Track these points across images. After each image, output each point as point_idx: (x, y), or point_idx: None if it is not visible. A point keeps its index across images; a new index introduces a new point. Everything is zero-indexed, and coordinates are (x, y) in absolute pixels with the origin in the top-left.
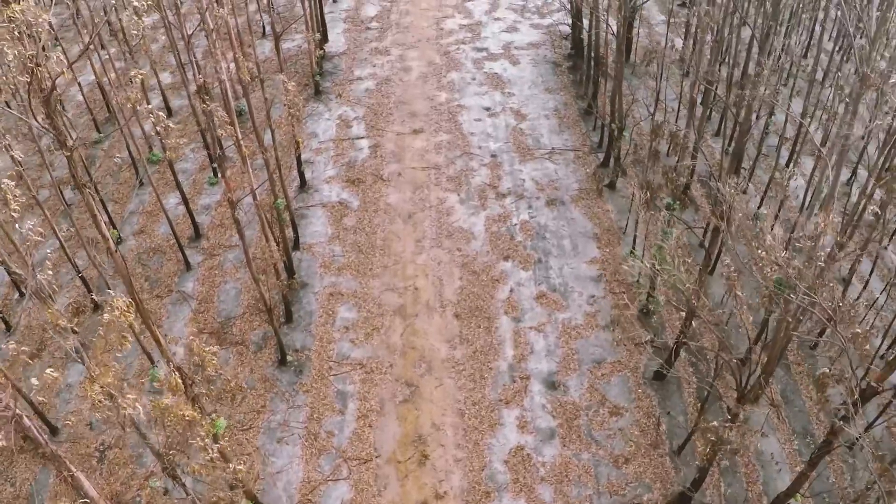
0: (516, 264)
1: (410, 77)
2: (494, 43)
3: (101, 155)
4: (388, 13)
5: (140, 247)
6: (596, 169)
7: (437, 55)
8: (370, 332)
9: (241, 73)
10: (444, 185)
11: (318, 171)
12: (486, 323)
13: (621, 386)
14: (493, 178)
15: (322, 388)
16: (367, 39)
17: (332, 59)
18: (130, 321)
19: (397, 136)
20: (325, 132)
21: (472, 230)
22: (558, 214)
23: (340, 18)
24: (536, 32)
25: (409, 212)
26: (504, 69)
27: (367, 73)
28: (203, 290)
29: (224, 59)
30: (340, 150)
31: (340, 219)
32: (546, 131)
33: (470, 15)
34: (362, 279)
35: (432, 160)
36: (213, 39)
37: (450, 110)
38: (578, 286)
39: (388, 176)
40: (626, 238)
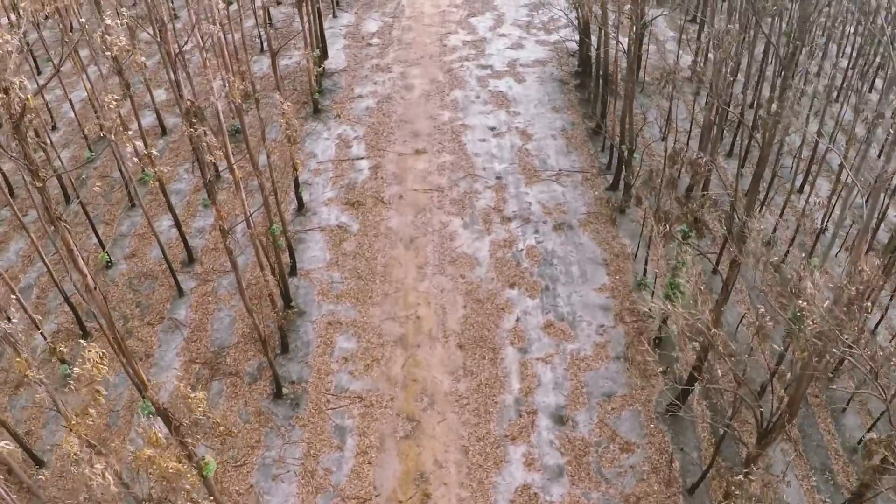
0: (522, 292)
1: (412, 95)
2: (499, 60)
3: (94, 174)
4: (390, 29)
5: (131, 271)
6: (608, 196)
7: (440, 72)
8: (370, 363)
9: (231, 95)
10: (447, 209)
11: (316, 193)
12: (491, 354)
13: (632, 421)
14: (498, 200)
15: (319, 423)
16: (368, 56)
17: (331, 77)
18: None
19: (399, 157)
20: (324, 152)
21: (476, 256)
22: (566, 239)
23: (340, 34)
24: (542, 49)
25: (410, 236)
26: (509, 87)
27: (367, 90)
28: (196, 317)
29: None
30: (340, 171)
31: (339, 243)
32: (553, 152)
33: (474, 31)
34: (362, 307)
35: (435, 182)
36: (204, 57)
37: (453, 130)
38: (587, 315)
39: (389, 198)
40: (636, 264)
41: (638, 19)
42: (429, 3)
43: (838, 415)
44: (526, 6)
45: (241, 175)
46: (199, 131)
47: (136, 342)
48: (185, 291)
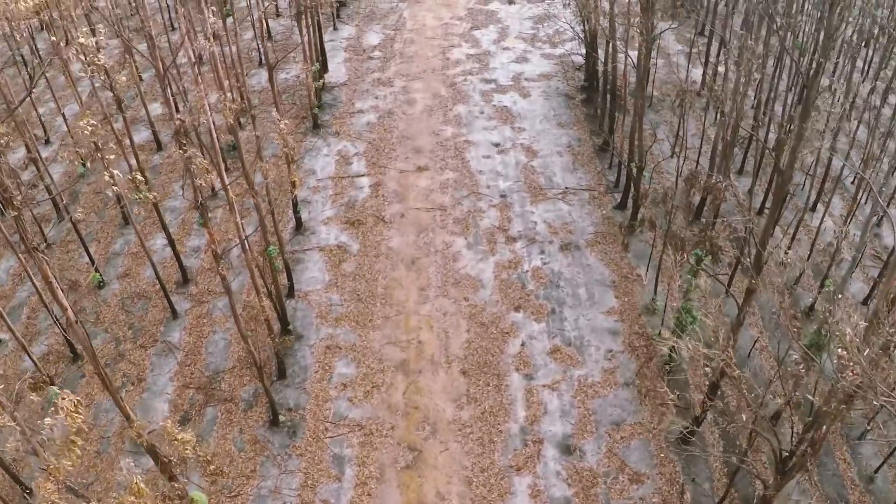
0: (528, 315)
1: (414, 110)
2: (503, 74)
3: (87, 190)
4: (392, 42)
5: (124, 291)
6: (616, 215)
7: (442, 87)
8: (370, 389)
9: (225, 115)
10: (450, 228)
11: (315, 212)
12: (496, 380)
13: (642, 450)
14: (503, 220)
15: (317, 452)
16: (369, 70)
17: (331, 91)
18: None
19: (400, 174)
20: (324, 169)
21: (480, 278)
22: (573, 260)
23: (341, 47)
24: (548, 63)
25: (412, 257)
26: (514, 102)
27: (368, 105)
28: (190, 340)
29: (213, 93)
30: (339, 188)
31: (339, 264)
32: (559, 169)
33: (477, 44)
34: (362, 331)
35: (438, 200)
36: (196, 73)
37: (456, 146)
38: (595, 339)
39: (391, 217)
40: (645, 285)
41: (648, 32)
42: (431, 16)
43: (854, 443)
44: (530, 19)
45: (238, 192)
46: (190, 152)
47: (128, 365)
48: (180, 313)
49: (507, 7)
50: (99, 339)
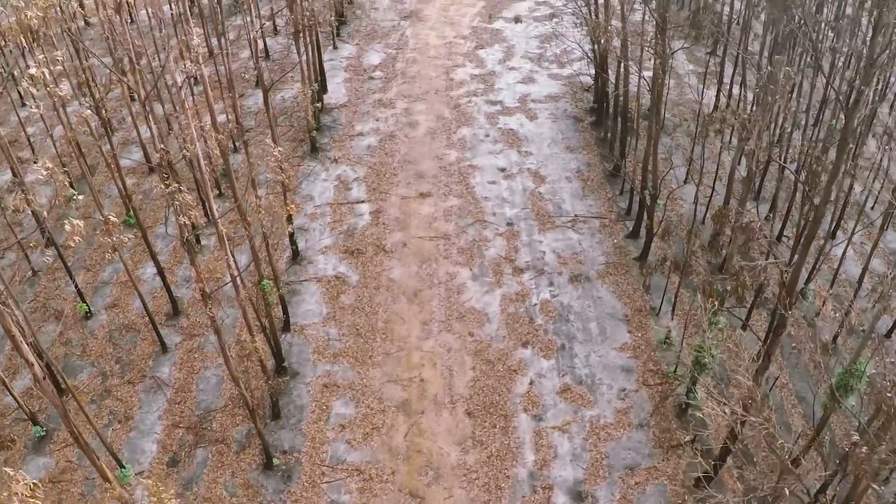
0: (536, 352)
1: (417, 133)
2: (509, 95)
3: (76, 215)
4: (394, 62)
5: (112, 322)
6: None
7: (446, 108)
8: (369, 431)
9: (212, 145)
10: (454, 258)
11: (312, 240)
12: (503, 422)
13: (658, 496)
14: (510, 249)
15: (313, 498)
16: (370, 90)
17: (330, 112)
18: None
19: (402, 201)
20: (322, 195)
21: (485, 311)
22: (583, 292)
23: (341, 67)
24: (555, 84)
25: (414, 289)
26: (520, 125)
27: (369, 128)
28: (180, 376)
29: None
30: (338, 215)
31: (337, 296)
32: (568, 196)
33: (482, 64)
34: (361, 368)
35: (441, 229)
36: (181, 99)
37: (461, 171)
38: (607, 377)
39: (392, 247)
40: (659, 320)
41: (664, 53)
42: (434, 35)
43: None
44: (537, 38)
45: (233, 219)
46: (171, 188)
47: (115, 402)
48: (170, 347)
49: (513, 26)
50: (85, 373)
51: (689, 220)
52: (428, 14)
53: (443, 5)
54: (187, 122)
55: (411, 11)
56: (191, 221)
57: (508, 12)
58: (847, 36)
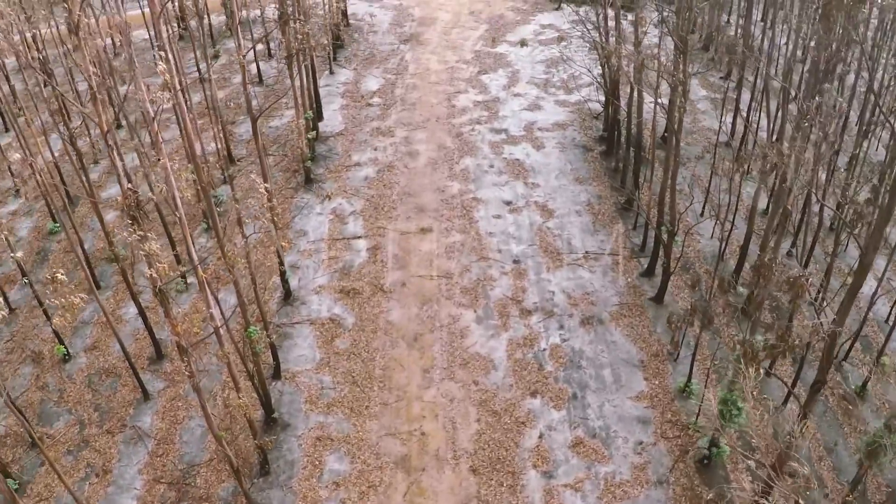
0: (546, 402)
1: (417, 163)
2: (515, 123)
3: (57, 248)
4: (393, 87)
5: (91, 366)
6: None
7: (448, 137)
8: (365, 490)
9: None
10: (457, 299)
11: (306, 279)
12: (511, 479)
13: None
14: (517, 289)
15: None
16: (368, 118)
17: (326, 141)
18: None
19: (401, 236)
20: (317, 229)
21: (491, 357)
22: (596, 336)
23: (338, 93)
24: (563, 111)
25: (414, 333)
26: (527, 154)
27: (366, 157)
28: (163, 426)
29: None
30: (334, 252)
31: (331, 340)
32: (578, 231)
33: (486, 90)
34: (357, 419)
35: (443, 267)
36: (155, 131)
37: (464, 204)
38: (623, 429)
39: (390, 286)
40: (677, 366)
41: (684, 78)
42: (435, 59)
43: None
44: (542, 62)
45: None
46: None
47: (92, 454)
48: (152, 394)
49: (518, 50)
50: (62, 420)
51: (707, 256)
52: (429, 37)
53: (444, 28)
54: (162, 158)
55: (411, 35)
56: (158, 274)
57: (513, 36)
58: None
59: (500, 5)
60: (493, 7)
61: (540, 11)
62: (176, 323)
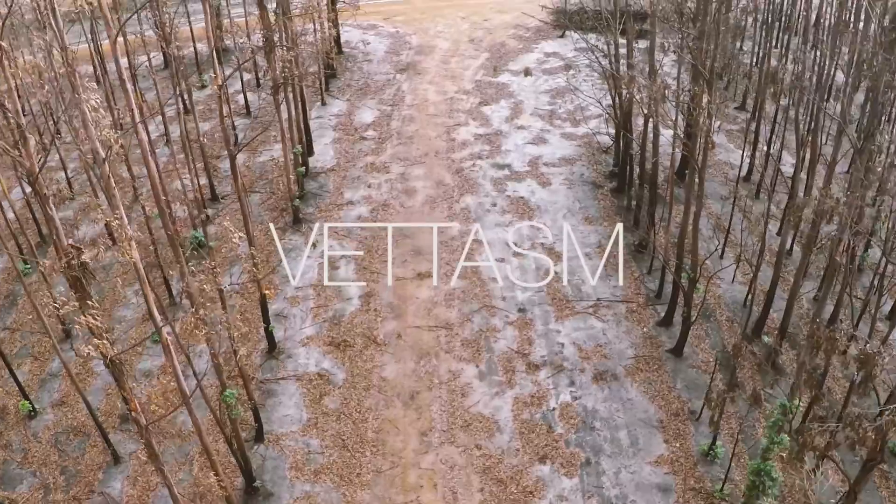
0: (556, 468)
1: (414, 202)
2: (518, 158)
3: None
4: (389, 119)
5: (59, 424)
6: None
7: (447, 173)
8: None
9: (124, 251)
10: (457, 353)
11: (292, 329)
12: None
13: None
14: (523, 341)
15: None
16: (362, 152)
17: (316, 177)
18: None
19: (397, 282)
20: (305, 274)
21: (495, 418)
22: (610, 393)
23: (330, 125)
24: (570, 144)
25: (411, 390)
26: (531, 192)
27: (360, 195)
28: (134, 493)
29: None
30: (323, 299)
31: (320, 398)
32: (588, 275)
33: (487, 122)
34: (347, 489)
35: (442, 316)
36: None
37: (464, 247)
38: (641, 498)
39: (385, 338)
40: (699, 426)
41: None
42: (434, 90)
43: None
44: (547, 92)
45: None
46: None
47: None
48: (123, 457)
49: (521, 79)
50: (25, 484)
51: (728, 302)
52: (427, 66)
53: (443, 57)
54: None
55: (408, 64)
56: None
57: (515, 64)
58: None
59: (501, 33)
60: (494, 35)
61: (543, 39)
62: (132, 398)
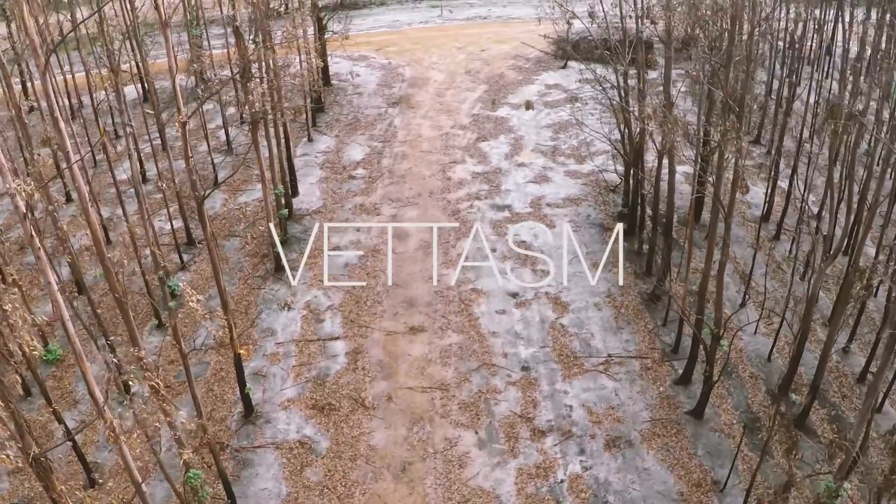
0: None
1: (407, 247)
2: (519, 198)
3: None
4: (380, 157)
5: (14, 494)
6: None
7: (443, 215)
8: None
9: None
10: (454, 417)
11: (272, 390)
12: None
13: None
14: (526, 403)
15: None
16: (351, 192)
17: (301, 220)
18: None
19: (387, 337)
20: (286, 328)
21: (496, 492)
22: (624, 462)
23: (316, 163)
24: (574, 183)
25: (402, 461)
26: (534, 235)
27: (347, 240)
28: None
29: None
30: (306, 356)
31: (301, 469)
32: (598, 328)
33: (486, 159)
34: None
35: (437, 376)
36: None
37: (461, 297)
38: None
39: (373, 400)
40: (724, 498)
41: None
42: (428, 124)
43: None
44: (549, 127)
45: (172, 359)
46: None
47: None
48: None
49: (521, 113)
50: None
51: (751, 356)
52: (421, 100)
53: (438, 90)
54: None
55: (401, 97)
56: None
57: (514, 97)
58: None
59: (499, 64)
60: (491, 66)
61: (544, 70)
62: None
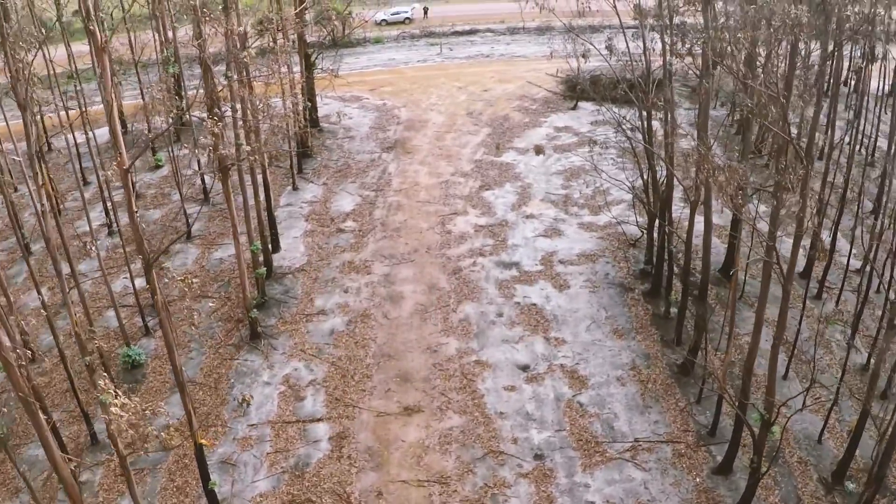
0: None
1: (401, 312)
2: (528, 254)
3: None
4: (372, 207)
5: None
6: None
7: (442, 275)
8: None
9: None
10: None
11: (242, 482)
12: None
13: None
14: (541, 500)
15: None
16: (339, 248)
17: (282, 280)
18: None
19: (378, 419)
20: (262, 406)
21: None
22: None
23: (301, 214)
24: (589, 237)
25: None
26: (546, 298)
27: (333, 303)
28: None
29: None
30: (283, 441)
31: None
32: (622, 408)
33: (490, 210)
34: None
35: (435, 467)
36: None
37: (464, 371)
38: None
39: (360, 496)
40: None
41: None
42: (426, 171)
43: None
44: (560, 173)
45: None
46: None
47: None
48: None
49: (528, 159)
50: None
51: (800, 438)
52: (418, 144)
53: (437, 133)
54: None
55: (396, 141)
56: None
57: (521, 141)
58: None
59: (504, 105)
60: (495, 107)
61: (553, 111)
62: None
